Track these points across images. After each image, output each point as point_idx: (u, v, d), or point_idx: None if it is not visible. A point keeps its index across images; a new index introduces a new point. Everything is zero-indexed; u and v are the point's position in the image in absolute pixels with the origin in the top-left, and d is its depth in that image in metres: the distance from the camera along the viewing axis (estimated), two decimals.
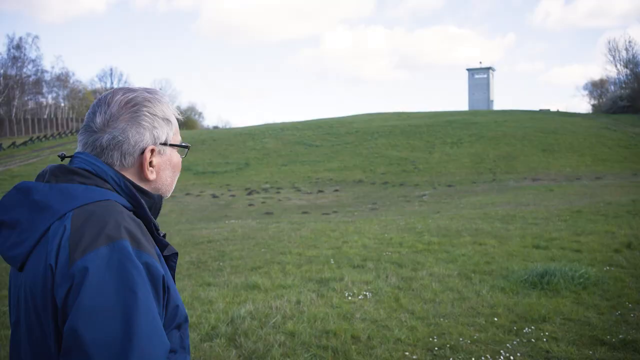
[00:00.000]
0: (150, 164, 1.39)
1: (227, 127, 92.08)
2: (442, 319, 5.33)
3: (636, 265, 7.77)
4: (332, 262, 8.44)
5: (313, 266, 8.08)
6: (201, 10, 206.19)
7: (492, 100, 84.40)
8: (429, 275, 7.19)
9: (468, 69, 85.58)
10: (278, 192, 30.04)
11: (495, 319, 5.31)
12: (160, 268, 1.22)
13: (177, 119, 1.49)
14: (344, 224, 13.97)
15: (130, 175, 1.37)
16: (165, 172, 1.43)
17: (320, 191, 30.04)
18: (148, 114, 1.38)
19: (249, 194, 30.01)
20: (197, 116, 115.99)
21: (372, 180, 32.98)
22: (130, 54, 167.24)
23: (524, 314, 5.46)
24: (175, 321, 1.30)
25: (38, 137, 63.55)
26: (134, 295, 1.13)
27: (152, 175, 1.39)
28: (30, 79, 79.03)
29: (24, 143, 59.45)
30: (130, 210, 1.32)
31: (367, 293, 6.30)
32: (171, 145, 1.44)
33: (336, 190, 29.90)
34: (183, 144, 1.49)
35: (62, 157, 1.44)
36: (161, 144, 1.41)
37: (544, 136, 40.74)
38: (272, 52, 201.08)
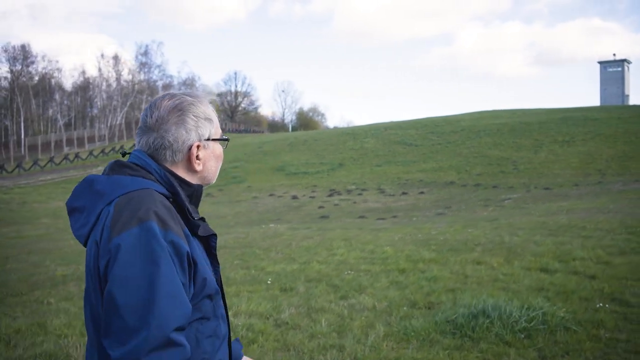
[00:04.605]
0: (197, 157, 1.58)
1: (350, 126, 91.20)
2: None
3: None
4: (270, 281, 7.17)
5: (236, 288, 6.86)
6: (334, 13, 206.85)
7: (628, 95, 76.22)
8: (342, 308, 5.73)
9: (600, 62, 77.71)
10: (360, 194, 28.70)
11: None
12: (185, 245, 1.41)
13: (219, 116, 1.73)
14: (367, 232, 12.52)
15: (180, 167, 1.58)
16: (210, 162, 1.63)
17: (404, 193, 28.31)
18: (192, 117, 1.58)
19: (330, 195, 28.95)
20: (319, 117, 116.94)
21: (465, 182, 30.58)
22: (257, 57, 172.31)
23: None
24: (204, 291, 1.47)
25: None
26: (157, 267, 1.33)
27: (199, 167, 1.59)
28: (158, 84, 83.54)
29: None
30: (168, 198, 1.51)
31: None
32: (213, 139, 1.63)
33: (421, 193, 28.01)
34: (223, 137, 1.67)
35: (123, 154, 1.74)
36: (205, 139, 1.60)
37: None
38: (400, 51, 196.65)
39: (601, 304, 5.72)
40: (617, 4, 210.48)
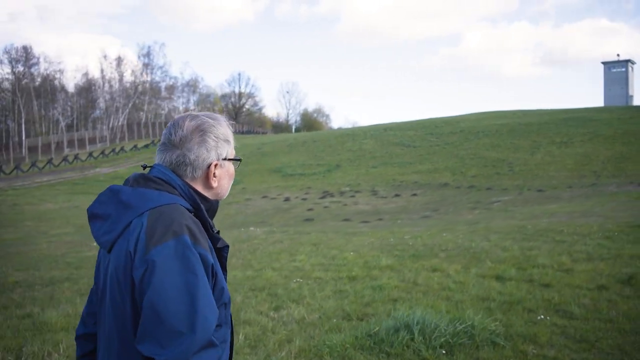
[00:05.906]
0: (214, 174, 1.71)
1: (355, 127, 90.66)
2: None
3: (600, 314, 5.50)
4: None
5: None
6: (340, 14, 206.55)
7: (632, 96, 75.47)
8: (269, 320, 5.49)
9: (603, 62, 76.93)
10: (352, 196, 28.46)
11: None
12: (211, 258, 1.54)
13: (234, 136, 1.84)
14: (341, 236, 12.28)
15: (198, 183, 1.70)
16: (224, 180, 1.76)
17: (396, 195, 28.05)
18: (213, 137, 1.70)
19: (322, 197, 28.72)
20: (324, 118, 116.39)
21: (459, 183, 30.25)
22: (262, 58, 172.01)
23: None
24: (221, 300, 1.59)
25: (159, 140, 66.64)
26: (195, 276, 1.45)
27: (215, 184, 1.72)
28: (160, 85, 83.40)
29: (146, 146, 62.67)
30: (191, 212, 1.63)
31: None
32: (229, 159, 1.77)
33: (414, 195, 27.74)
34: (237, 158, 1.81)
35: (144, 167, 1.77)
36: (222, 159, 1.73)
37: None
38: (407, 52, 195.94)
39: (543, 316, 5.48)
40: (624, 4, 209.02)
